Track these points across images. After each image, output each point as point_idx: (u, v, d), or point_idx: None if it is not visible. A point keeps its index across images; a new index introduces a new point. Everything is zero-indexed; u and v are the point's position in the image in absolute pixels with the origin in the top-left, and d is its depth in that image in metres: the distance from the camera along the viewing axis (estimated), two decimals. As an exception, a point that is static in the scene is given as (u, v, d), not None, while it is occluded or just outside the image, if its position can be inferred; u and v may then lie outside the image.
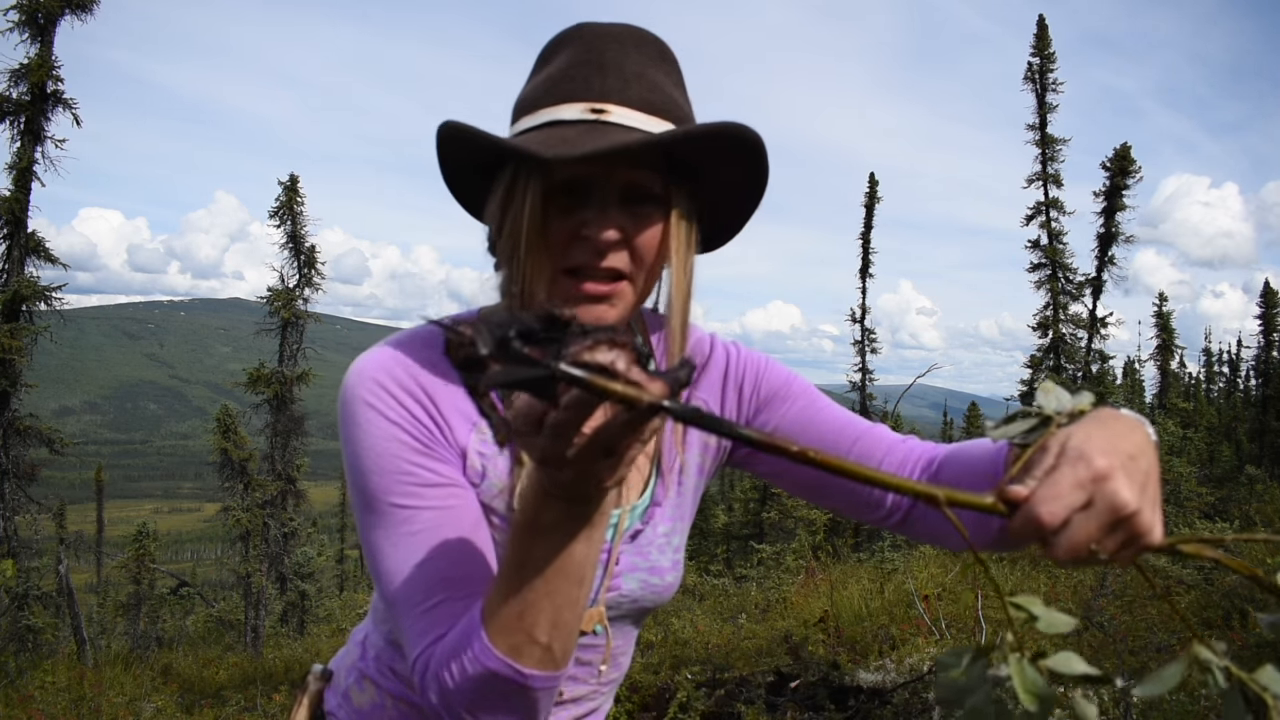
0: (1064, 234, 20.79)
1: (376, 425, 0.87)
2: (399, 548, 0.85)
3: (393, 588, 0.85)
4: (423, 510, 0.85)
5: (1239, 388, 32.61)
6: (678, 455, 1.04)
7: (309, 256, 16.29)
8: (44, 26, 11.92)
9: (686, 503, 1.06)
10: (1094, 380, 19.67)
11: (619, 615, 1.02)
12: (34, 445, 12.23)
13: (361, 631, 1.10)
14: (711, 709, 4.48)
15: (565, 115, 0.86)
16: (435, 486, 0.87)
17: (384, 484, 0.86)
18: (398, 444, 0.86)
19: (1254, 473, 15.00)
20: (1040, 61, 21.10)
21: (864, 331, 25.65)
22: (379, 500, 0.86)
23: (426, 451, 0.88)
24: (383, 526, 0.86)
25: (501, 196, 0.90)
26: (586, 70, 0.87)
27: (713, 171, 0.93)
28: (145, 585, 18.82)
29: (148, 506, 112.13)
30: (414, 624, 0.82)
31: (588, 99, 0.86)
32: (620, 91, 0.87)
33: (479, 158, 0.93)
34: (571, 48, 0.90)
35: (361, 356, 0.91)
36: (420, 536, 0.84)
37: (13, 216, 11.89)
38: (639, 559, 1.01)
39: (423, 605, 0.82)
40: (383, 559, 0.86)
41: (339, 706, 1.07)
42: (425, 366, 0.90)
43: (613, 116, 0.86)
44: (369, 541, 0.87)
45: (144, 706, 7.40)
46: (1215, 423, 25.28)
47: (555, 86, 0.88)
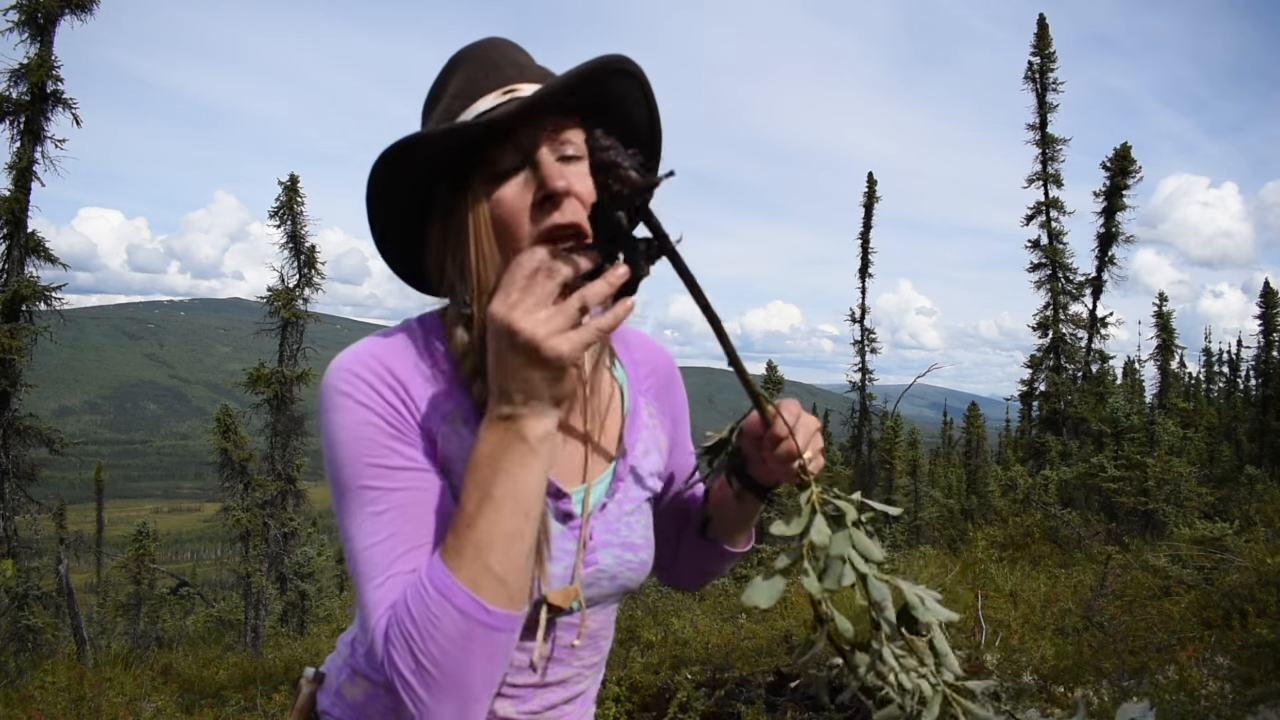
0: (1064, 234, 20.80)
1: (349, 412, 0.90)
2: (363, 527, 0.88)
3: (355, 565, 0.88)
4: (390, 491, 0.89)
5: (1239, 388, 32.60)
6: (638, 441, 1.11)
7: (309, 256, 16.29)
8: (44, 26, 11.92)
9: (647, 490, 1.11)
10: (1094, 380, 19.67)
11: (598, 594, 1.04)
12: (34, 445, 12.23)
13: (350, 634, 1.12)
14: (711, 709, 4.48)
15: (485, 105, 0.94)
16: (403, 470, 0.90)
17: (355, 469, 0.89)
18: (369, 428, 0.90)
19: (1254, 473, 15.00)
20: (1041, 61, 21.09)
21: (864, 331, 25.64)
22: (350, 484, 0.90)
23: (397, 435, 0.91)
24: (350, 509, 0.90)
25: (442, 216, 0.97)
26: (485, 72, 0.97)
27: (618, 113, 1.00)
28: (145, 585, 18.83)
29: (148, 506, 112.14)
30: (372, 594, 0.86)
31: (498, 86, 0.96)
32: (519, 77, 0.97)
33: (418, 185, 0.96)
34: (460, 69, 0.99)
35: (341, 352, 0.96)
36: (385, 515, 0.88)
37: (13, 216, 11.89)
38: (611, 535, 1.04)
39: (381, 577, 0.86)
40: (349, 539, 0.89)
41: (333, 705, 1.08)
42: (400, 358, 0.94)
43: (522, 92, 0.95)
44: (342, 526, 0.91)
45: (144, 706, 7.40)
46: (1215, 423, 25.27)
47: (463, 93, 0.97)
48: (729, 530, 1.19)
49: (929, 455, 32.66)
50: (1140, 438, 12.32)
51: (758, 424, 1.03)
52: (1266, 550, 6.42)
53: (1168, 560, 7.14)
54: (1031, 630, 5.16)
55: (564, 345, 0.81)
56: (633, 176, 0.81)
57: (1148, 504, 11.26)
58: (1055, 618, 5.48)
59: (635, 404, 1.12)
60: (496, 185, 0.92)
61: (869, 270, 25.50)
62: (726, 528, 1.19)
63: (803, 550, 0.91)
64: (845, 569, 0.87)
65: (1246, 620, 4.75)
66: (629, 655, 5.67)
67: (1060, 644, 4.75)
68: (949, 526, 16.41)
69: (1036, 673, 4.35)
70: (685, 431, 1.24)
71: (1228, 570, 6.22)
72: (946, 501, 22.17)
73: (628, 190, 0.82)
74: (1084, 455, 15.94)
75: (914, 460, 24.23)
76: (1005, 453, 29.19)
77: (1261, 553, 6.29)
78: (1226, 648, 4.46)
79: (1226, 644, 4.48)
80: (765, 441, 1.02)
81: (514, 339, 0.80)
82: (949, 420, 44.10)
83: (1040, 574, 8.07)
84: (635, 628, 6.80)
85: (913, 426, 28.05)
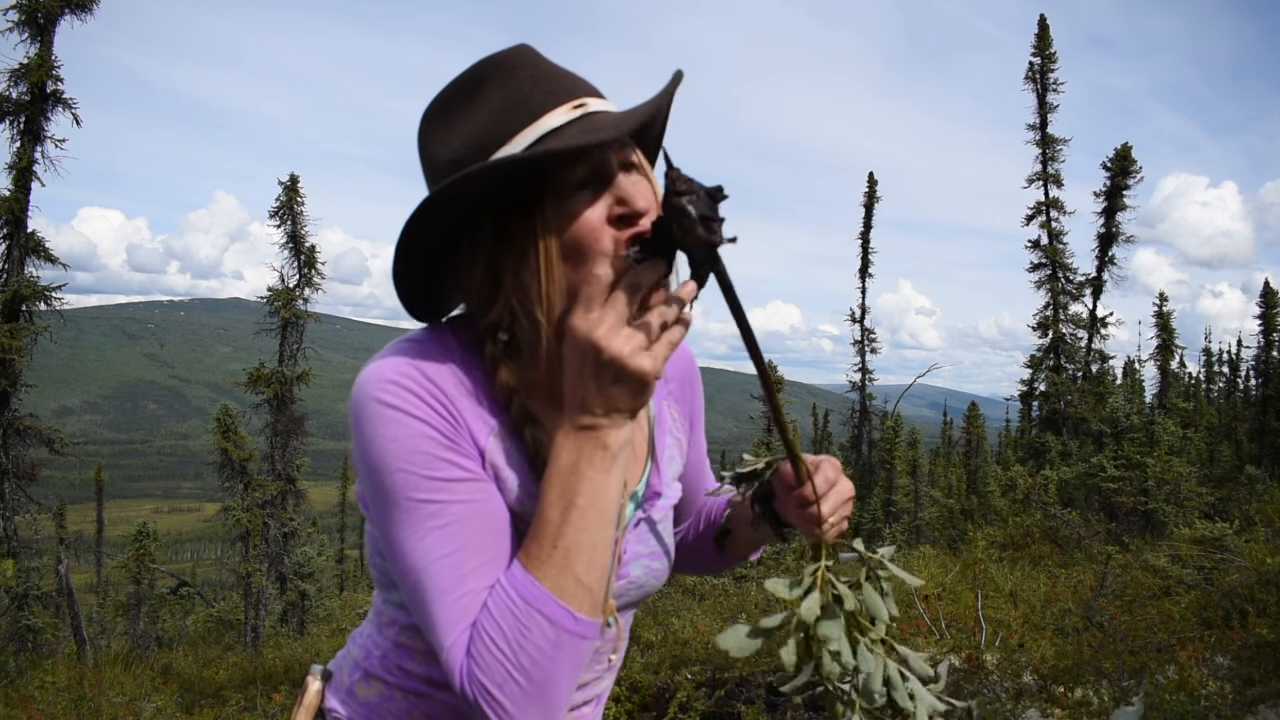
0: (1064, 234, 20.80)
1: (400, 424, 0.87)
2: (425, 541, 0.86)
3: (420, 580, 0.86)
4: (450, 504, 0.87)
5: (1239, 388, 32.60)
6: (664, 449, 1.11)
7: (309, 256, 16.29)
8: (44, 26, 11.91)
9: (672, 496, 1.13)
10: (1094, 380, 19.67)
11: (625, 603, 1.05)
12: (34, 445, 12.23)
13: (362, 635, 1.11)
14: (711, 709, 4.49)
15: (556, 122, 0.88)
16: (461, 481, 0.88)
17: (408, 480, 0.86)
18: (423, 439, 0.87)
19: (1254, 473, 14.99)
20: (1041, 61, 21.10)
21: (864, 331, 25.65)
22: (403, 497, 0.87)
23: (452, 447, 0.89)
24: (408, 523, 0.87)
25: (493, 241, 0.90)
26: (539, 84, 0.90)
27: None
28: (145, 585, 18.82)
29: (148, 506, 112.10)
30: (445, 612, 0.84)
31: (563, 101, 0.90)
32: (580, 89, 0.92)
33: (467, 207, 0.90)
34: (496, 81, 0.91)
35: (375, 360, 0.91)
36: (449, 529, 0.86)
37: (13, 216, 11.88)
38: (641, 546, 1.05)
39: (454, 594, 0.84)
40: (408, 554, 0.87)
41: (342, 703, 1.07)
42: (440, 370, 0.91)
43: (591, 107, 0.91)
44: (393, 539, 0.88)
45: (144, 706, 7.40)
46: (1215, 423, 25.26)
47: (521, 108, 0.89)
48: (742, 545, 1.22)
49: (929, 455, 32.64)
50: (1140, 438, 12.32)
51: (791, 474, 1.03)
52: (1266, 550, 6.42)
53: (1168, 560, 7.14)
54: (1031, 630, 5.16)
55: (647, 362, 0.83)
56: (699, 234, 0.81)
57: (1147, 504, 11.26)
58: (1055, 618, 5.48)
59: (660, 410, 1.13)
60: (568, 203, 0.88)
61: (869, 270, 25.50)
62: (740, 542, 1.22)
63: (790, 621, 0.91)
64: (824, 656, 0.89)
65: (1246, 620, 4.75)
66: (629, 655, 5.67)
67: (1060, 644, 4.75)
68: (949, 526, 16.41)
69: (1036, 673, 4.35)
70: (700, 429, 1.25)
71: (1228, 570, 6.22)
72: (946, 501, 22.16)
73: (691, 244, 0.83)
74: (1084, 455, 15.94)
75: (914, 460, 24.21)
76: (1005, 453, 29.20)
77: (1261, 553, 6.29)
78: (1226, 648, 4.46)
79: (1226, 644, 4.48)
80: (794, 497, 1.03)
81: (599, 356, 0.82)
82: (949, 420, 44.09)
83: (1040, 574, 8.07)
84: (635, 628, 6.80)
85: (913, 426, 28.02)
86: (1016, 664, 4.42)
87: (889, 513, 21.90)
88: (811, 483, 0.99)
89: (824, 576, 0.95)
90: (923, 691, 0.90)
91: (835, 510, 1.01)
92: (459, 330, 0.98)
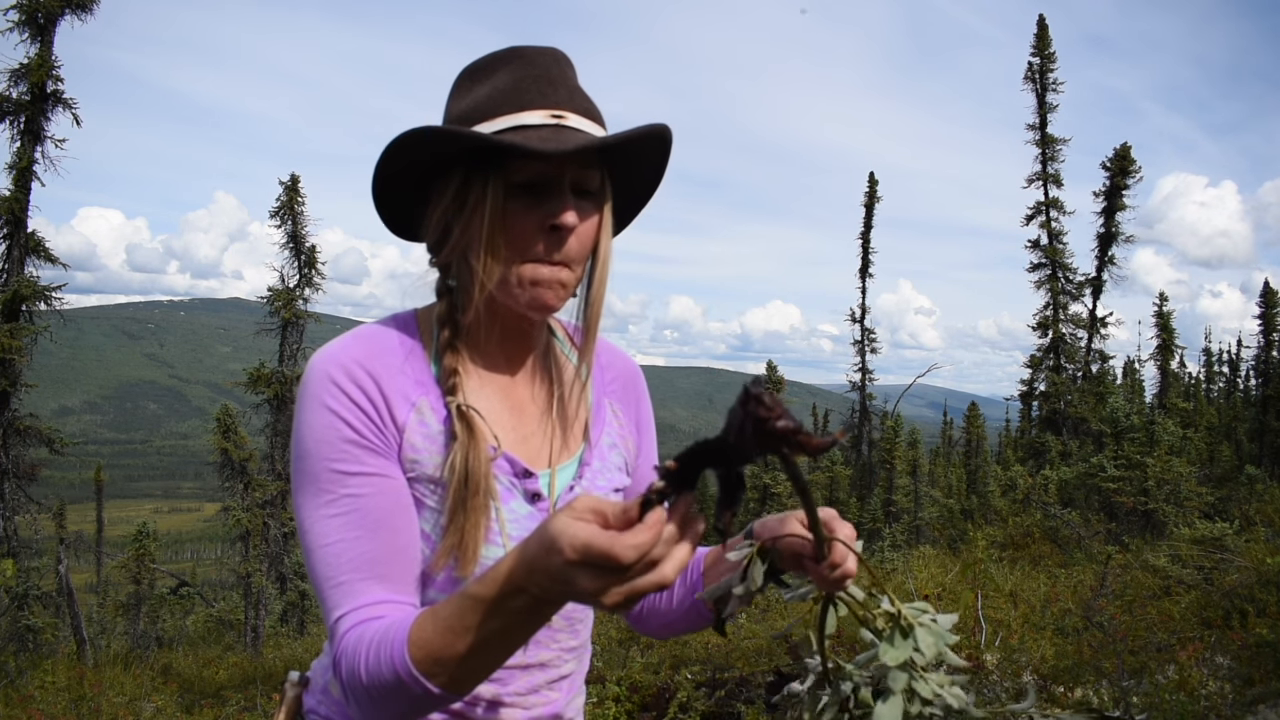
0: (1064, 234, 20.81)
1: (317, 415, 0.96)
2: (318, 525, 0.94)
3: (311, 561, 0.95)
4: (344, 496, 0.94)
5: (1239, 388, 32.59)
6: (602, 434, 1.15)
7: (309, 256, 16.29)
8: (44, 26, 11.92)
9: (614, 480, 1.15)
10: (1094, 380, 19.68)
11: None
12: (34, 445, 12.24)
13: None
14: (711, 709, 4.49)
15: (529, 120, 0.97)
16: (361, 475, 0.95)
17: (315, 467, 0.95)
18: (333, 432, 0.95)
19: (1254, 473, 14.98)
20: (1040, 61, 21.11)
21: (864, 331, 25.66)
22: (308, 481, 0.95)
23: (361, 443, 0.96)
24: (309, 506, 0.95)
25: (452, 198, 1.00)
26: (539, 84, 1.00)
27: (634, 167, 1.08)
28: (145, 585, 18.80)
29: (148, 506, 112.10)
30: (328, 596, 0.93)
31: (547, 107, 0.99)
32: (569, 101, 1.00)
33: (439, 158, 1.00)
34: (512, 66, 1.02)
35: (326, 346, 1.01)
36: (338, 520, 0.94)
37: (13, 216, 11.89)
38: None
39: (334, 580, 0.93)
40: (305, 533, 0.96)
41: (319, 703, 1.11)
42: (375, 353, 0.99)
43: (569, 121, 0.98)
44: (298, 518, 0.97)
45: (144, 706, 7.40)
46: (1215, 423, 25.26)
47: (514, 96, 0.99)
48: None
49: (929, 455, 32.61)
50: (1140, 438, 12.32)
51: (800, 546, 0.93)
52: (1266, 550, 6.42)
53: (1168, 560, 7.14)
54: (1031, 630, 5.16)
55: (622, 608, 0.75)
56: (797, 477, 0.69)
57: (1147, 504, 11.26)
58: (1055, 618, 5.48)
59: (600, 400, 1.17)
60: (514, 197, 0.98)
61: (869, 270, 25.51)
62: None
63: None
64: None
65: (1246, 620, 4.75)
66: (629, 655, 5.66)
67: (1060, 644, 4.75)
68: (949, 526, 16.40)
69: (1036, 673, 4.35)
70: (650, 441, 1.26)
71: (1228, 570, 6.23)
72: (946, 501, 22.17)
73: (784, 464, 0.69)
74: (1084, 455, 15.95)
75: (914, 460, 24.21)
76: (1005, 453, 29.17)
77: (1261, 553, 6.29)
78: (1226, 648, 4.46)
79: (1226, 644, 4.49)
80: (815, 573, 0.92)
81: (584, 597, 0.74)
82: (949, 420, 44.07)
83: (1040, 574, 8.07)
84: (635, 628, 6.79)
85: (913, 426, 28.01)
86: (1016, 664, 4.42)
87: (889, 513, 21.91)
88: (833, 551, 0.89)
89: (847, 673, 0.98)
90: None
91: (846, 556, 0.92)
92: (426, 314, 1.07)
